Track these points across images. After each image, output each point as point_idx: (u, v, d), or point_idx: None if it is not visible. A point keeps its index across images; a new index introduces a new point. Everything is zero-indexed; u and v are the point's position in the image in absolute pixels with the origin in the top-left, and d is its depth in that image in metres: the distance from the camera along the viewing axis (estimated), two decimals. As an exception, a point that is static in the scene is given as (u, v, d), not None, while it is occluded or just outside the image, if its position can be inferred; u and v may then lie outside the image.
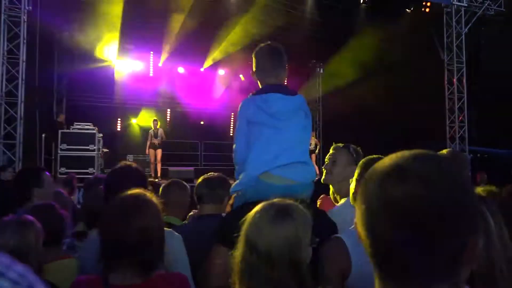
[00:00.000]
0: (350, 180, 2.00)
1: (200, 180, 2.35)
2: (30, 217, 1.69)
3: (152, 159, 11.31)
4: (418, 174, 0.66)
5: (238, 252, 1.25)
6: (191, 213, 2.99)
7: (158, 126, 11.53)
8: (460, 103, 10.22)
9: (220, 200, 2.29)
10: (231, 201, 2.32)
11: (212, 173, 2.46)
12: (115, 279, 1.40)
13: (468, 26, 10.13)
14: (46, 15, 8.70)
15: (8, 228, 1.59)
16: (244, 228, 1.27)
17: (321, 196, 3.10)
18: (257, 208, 1.32)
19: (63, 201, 2.88)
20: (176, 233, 1.85)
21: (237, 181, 2.04)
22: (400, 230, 0.64)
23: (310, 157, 9.66)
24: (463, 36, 10.12)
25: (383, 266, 0.68)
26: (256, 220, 1.27)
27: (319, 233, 1.62)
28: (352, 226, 1.61)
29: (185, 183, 2.65)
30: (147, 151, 11.43)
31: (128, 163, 2.14)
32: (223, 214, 2.53)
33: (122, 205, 1.46)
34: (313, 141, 11.82)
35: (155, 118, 12.02)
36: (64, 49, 12.24)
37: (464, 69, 10.18)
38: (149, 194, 1.52)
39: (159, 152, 11.36)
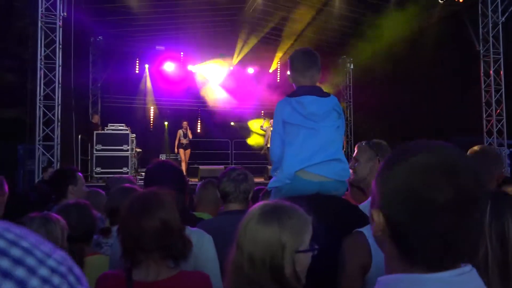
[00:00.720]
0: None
1: (223, 176, 2.40)
2: (55, 214, 1.77)
3: (182, 158, 11.62)
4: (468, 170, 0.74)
5: (232, 250, 1.26)
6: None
7: (187, 127, 11.88)
8: (497, 96, 9.81)
9: (245, 196, 2.33)
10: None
11: (234, 166, 2.51)
12: (138, 275, 1.43)
13: (506, 15, 9.70)
14: (81, 20, 9.03)
15: (34, 223, 1.68)
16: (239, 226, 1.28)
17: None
18: (253, 207, 1.31)
19: (99, 199, 3.00)
20: (207, 234, 1.90)
21: (274, 178, 2.15)
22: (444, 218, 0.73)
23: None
24: (500, 25, 9.69)
25: (421, 253, 0.75)
26: (246, 220, 1.26)
27: (348, 226, 1.65)
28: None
29: (212, 181, 2.75)
30: (176, 150, 11.80)
31: (165, 159, 2.23)
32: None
33: (142, 199, 1.50)
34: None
35: (185, 119, 12.30)
36: (98, 52, 12.68)
37: (502, 60, 9.76)
38: (164, 191, 1.55)
39: (188, 152, 11.78)
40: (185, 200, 2.07)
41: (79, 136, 9.51)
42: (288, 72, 2.29)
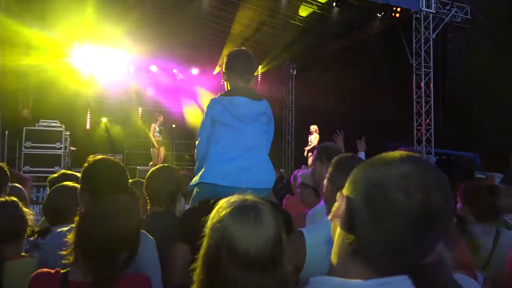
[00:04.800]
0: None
1: (148, 176, 2.35)
2: None
3: (159, 156, 10.77)
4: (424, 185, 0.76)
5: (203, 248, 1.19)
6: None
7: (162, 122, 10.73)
8: (427, 107, 10.57)
9: (170, 196, 2.30)
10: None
11: (162, 164, 2.46)
12: (75, 275, 1.41)
13: (436, 32, 10.50)
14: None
15: None
16: (210, 224, 1.18)
17: (286, 196, 3.19)
18: (224, 203, 1.22)
19: (22, 197, 2.83)
20: (150, 236, 1.85)
21: (197, 177, 2.09)
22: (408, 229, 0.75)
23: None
24: (431, 41, 10.46)
25: (379, 258, 0.78)
26: (221, 217, 1.18)
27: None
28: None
29: (143, 180, 2.65)
30: (156, 145, 10.79)
31: (107, 156, 2.11)
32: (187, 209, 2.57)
33: (107, 208, 1.48)
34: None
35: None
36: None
37: (432, 73, 10.54)
38: (129, 198, 1.55)
39: (162, 150, 10.86)
40: None
41: (6, 132, 8.92)
42: (223, 70, 2.24)
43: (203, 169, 2.05)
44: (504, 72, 9.94)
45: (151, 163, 10.58)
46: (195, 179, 2.09)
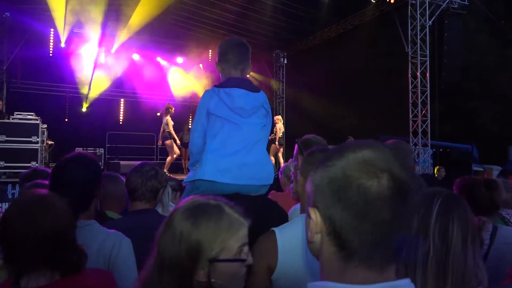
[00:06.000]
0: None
1: (131, 172, 2.32)
2: None
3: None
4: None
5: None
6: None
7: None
8: (423, 97, 10.60)
9: (152, 194, 2.26)
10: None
11: (144, 162, 2.43)
12: (28, 282, 1.35)
13: (432, 19, 10.51)
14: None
15: None
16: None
17: (271, 192, 3.18)
18: (181, 202, 1.24)
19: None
20: (126, 237, 1.84)
21: (191, 172, 2.09)
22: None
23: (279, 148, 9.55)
24: (427, 29, 10.47)
25: (356, 246, 0.79)
26: (169, 215, 1.20)
27: (269, 222, 1.68)
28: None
29: (118, 175, 2.59)
30: (177, 139, 10.58)
31: (81, 151, 2.06)
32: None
33: (26, 204, 1.40)
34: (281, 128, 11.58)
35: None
36: (4, 30, 11.72)
37: (428, 62, 10.56)
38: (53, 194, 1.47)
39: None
40: (97, 200, 1.96)
41: (-22, 125, 8.75)
42: (217, 61, 2.23)
43: (199, 165, 2.03)
44: (503, 60, 10.02)
45: (169, 158, 10.37)
46: (191, 173, 2.07)
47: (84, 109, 13.85)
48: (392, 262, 0.80)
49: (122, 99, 14.70)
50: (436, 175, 9.89)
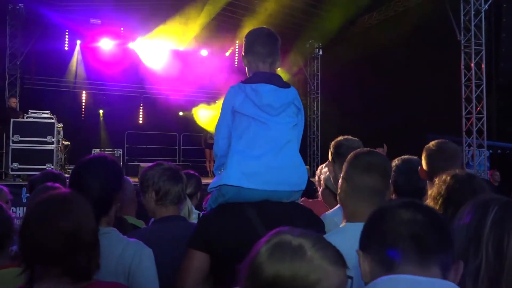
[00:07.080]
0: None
1: (160, 175, 2.32)
2: None
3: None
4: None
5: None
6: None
7: None
8: (478, 91, 10.27)
9: (179, 199, 2.30)
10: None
11: (164, 163, 2.44)
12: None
13: (489, 3, 10.17)
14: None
15: None
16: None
17: (302, 199, 3.11)
18: None
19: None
20: (147, 247, 1.87)
21: (216, 177, 2.07)
22: None
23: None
24: (483, 13, 10.15)
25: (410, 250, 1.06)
26: None
27: None
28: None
29: (127, 178, 2.66)
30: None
31: (101, 153, 2.10)
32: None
33: (44, 206, 1.45)
34: None
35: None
36: (18, 23, 12.06)
37: (484, 52, 10.23)
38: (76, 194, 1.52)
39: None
40: (118, 205, 1.98)
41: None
42: (243, 54, 2.22)
43: (224, 168, 2.02)
44: None
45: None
46: (216, 178, 2.07)
47: (101, 109, 14.11)
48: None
49: (142, 97, 14.90)
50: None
